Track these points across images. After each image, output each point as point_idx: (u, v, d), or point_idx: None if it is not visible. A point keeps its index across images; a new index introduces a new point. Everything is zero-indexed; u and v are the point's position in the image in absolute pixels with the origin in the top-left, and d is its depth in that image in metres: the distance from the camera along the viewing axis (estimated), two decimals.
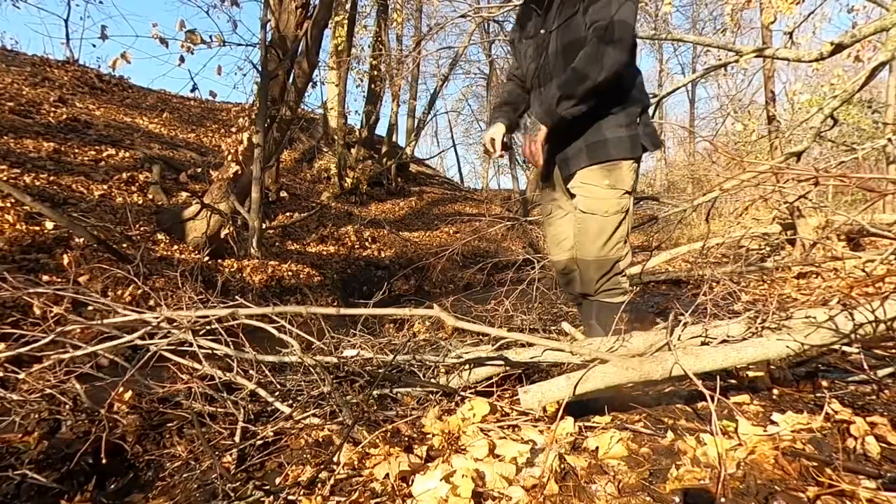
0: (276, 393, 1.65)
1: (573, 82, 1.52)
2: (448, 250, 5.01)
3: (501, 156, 1.83)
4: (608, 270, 1.71)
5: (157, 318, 1.56)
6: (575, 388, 1.28)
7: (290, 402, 1.62)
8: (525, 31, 1.81)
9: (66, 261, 3.12)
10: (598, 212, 1.67)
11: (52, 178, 4.72)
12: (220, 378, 1.58)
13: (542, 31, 1.70)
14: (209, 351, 1.62)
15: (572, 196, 1.79)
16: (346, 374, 1.70)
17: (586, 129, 1.66)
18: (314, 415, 1.51)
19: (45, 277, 2.85)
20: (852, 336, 1.34)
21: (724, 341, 1.44)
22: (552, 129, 1.64)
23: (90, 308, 1.78)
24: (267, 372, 1.66)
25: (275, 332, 1.65)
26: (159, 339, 1.59)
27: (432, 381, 1.67)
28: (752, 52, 4.06)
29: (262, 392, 1.58)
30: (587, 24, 1.54)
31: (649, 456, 1.20)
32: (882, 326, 1.34)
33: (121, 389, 1.53)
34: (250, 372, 1.68)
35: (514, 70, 1.94)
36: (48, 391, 1.46)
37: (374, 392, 1.60)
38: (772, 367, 1.65)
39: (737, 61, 4.25)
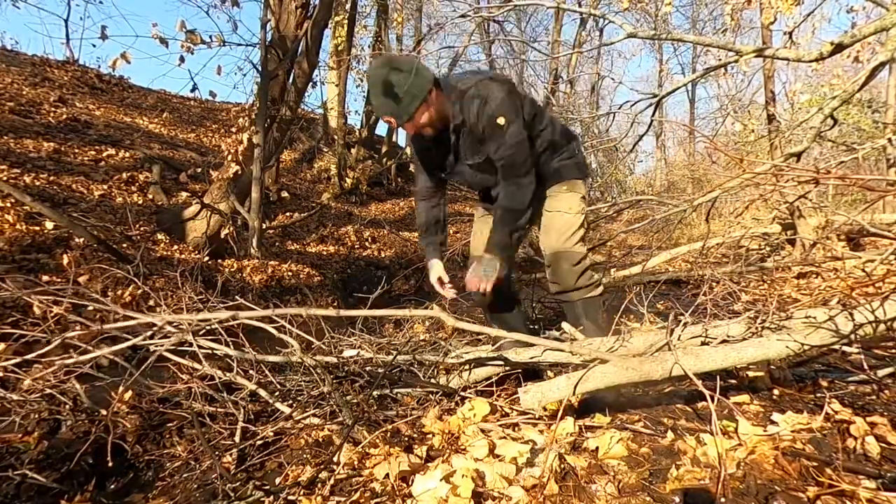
0: (276, 393, 1.65)
1: (511, 219, 1.75)
2: (448, 250, 5.01)
3: (456, 294, 1.93)
4: (578, 262, 1.81)
5: (160, 322, 1.56)
6: (575, 388, 1.29)
7: (290, 402, 1.62)
8: (428, 148, 1.85)
9: (66, 261, 3.12)
10: (562, 209, 1.85)
11: (52, 178, 4.72)
12: (220, 378, 1.58)
13: (451, 159, 1.82)
14: (209, 351, 1.62)
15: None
16: (346, 374, 1.70)
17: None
18: (314, 415, 1.51)
19: (45, 277, 2.85)
20: (852, 336, 1.34)
21: (724, 341, 1.45)
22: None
23: (90, 308, 1.77)
24: (267, 372, 1.66)
25: (275, 332, 1.65)
26: (160, 339, 1.58)
27: (432, 381, 1.67)
28: (752, 52, 4.06)
29: (262, 392, 1.58)
30: (497, 161, 1.71)
31: (649, 456, 1.20)
32: (882, 326, 1.34)
33: (121, 390, 1.53)
34: (250, 372, 1.68)
35: (423, 185, 1.98)
36: (48, 391, 1.46)
37: (374, 392, 1.60)
38: (772, 367, 1.65)
39: (737, 61, 4.24)
